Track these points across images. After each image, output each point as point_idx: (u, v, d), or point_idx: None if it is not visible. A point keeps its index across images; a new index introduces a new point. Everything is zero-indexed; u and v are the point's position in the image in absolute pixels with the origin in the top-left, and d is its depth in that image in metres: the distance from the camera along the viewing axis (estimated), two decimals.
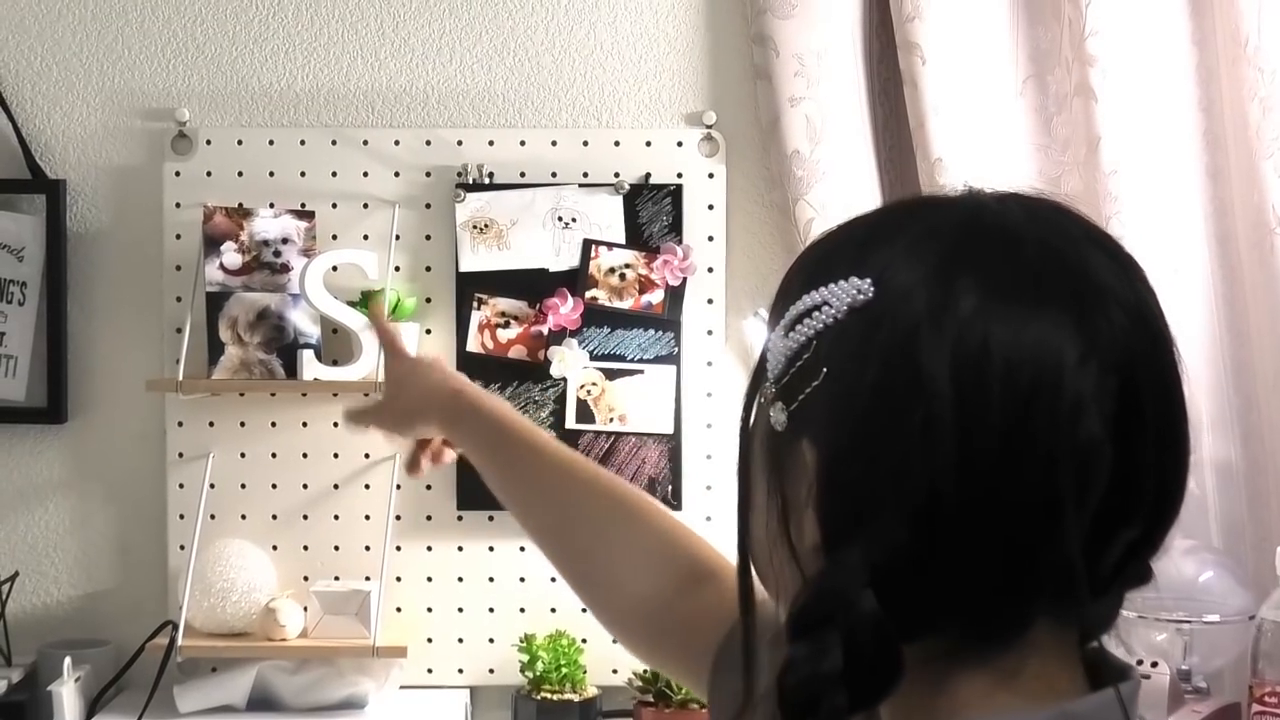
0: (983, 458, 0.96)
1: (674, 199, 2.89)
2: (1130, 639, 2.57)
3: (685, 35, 2.92)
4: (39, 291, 2.90)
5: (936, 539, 0.96)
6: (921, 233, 1.03)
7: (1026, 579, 0.98)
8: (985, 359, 0.96)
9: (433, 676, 2.92)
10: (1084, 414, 0.96)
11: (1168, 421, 1.01)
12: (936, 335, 0.97)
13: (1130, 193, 2.75)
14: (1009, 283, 0.98)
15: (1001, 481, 0.96)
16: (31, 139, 2.91)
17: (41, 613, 2.95)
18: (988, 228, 1.02)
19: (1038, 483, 0.96)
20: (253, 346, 2.81)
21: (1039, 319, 0.97)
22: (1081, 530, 0.97)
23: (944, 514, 0.96)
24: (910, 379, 0.97)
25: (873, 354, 0.98)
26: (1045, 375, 0.96)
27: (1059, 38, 2.80)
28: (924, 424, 0.96)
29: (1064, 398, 0.96)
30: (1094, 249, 1.03)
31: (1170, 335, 1.04)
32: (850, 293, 1.00)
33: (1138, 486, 0.99)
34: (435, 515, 2.91)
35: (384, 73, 2.93)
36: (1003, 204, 1.05)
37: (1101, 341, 0.98)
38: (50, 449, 2.95)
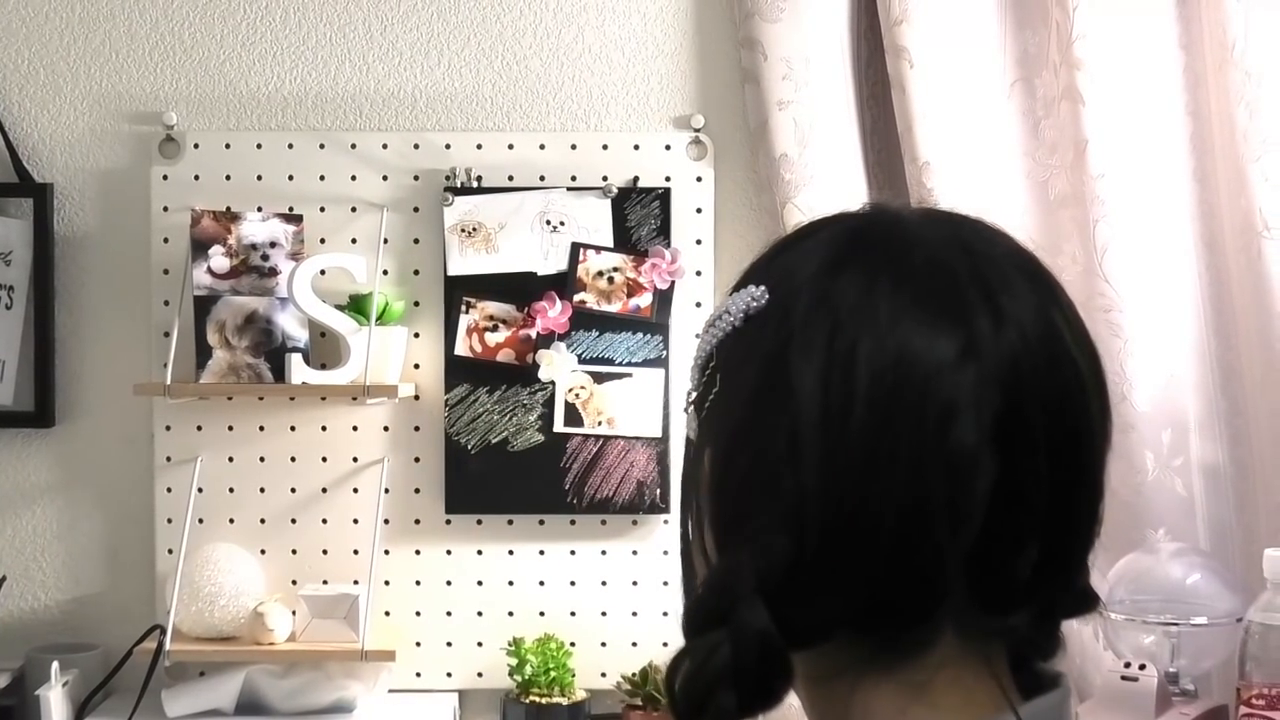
0: (847, 463, 0.97)
1: (662, 202, 2.89)
2: (1118, 641, 2.58)
3: (673, 39, 2.92)
4: (26, 295, 2.90)
5: (813, 545, 0.97)
6: (819, 240, 1.05)
7: (912, 588, 0.98)
8: (852, 362, 0.97)
9: (421, 680, 2.92)
10: (955, 420, 0.96)
11: (1065, 441, 1.00)
12: (809, 339, 0.99)
13: (1118, 196, 2.75)
14: (889, 286, 0.99)
15: (868, 487, 0.96)
16: (19, 142, 2.91)
17: (29, 617, 2.95)
18: (880, 234, 1.04)
19: (905, 488, 0.96)
20: (240, 350, 2.80)
21: (913, 323, 0.97)
22: (961, 541, 0.97)
23: (815, 520, 0.97)
24: (781, 384, 0.99)
25: (753, 360, 1.02)
26: (912, 379, 0.96)
27: (1046, 41, 2.81)
28: (790, 430, 0.98)
29: (931, 402, 0.96)
30: (1006, 268, 1.03)
31: (1078, 361, 1.02)
32: (746, 300, 1.04)
33: (1027, 502, 0.99)
34: (423, 519, 2.91)
35: (372, 76, 2.93)
36: (910, 216, 1.06)
37: (984, 352, 0.97)
38: (38, 453, 2.94)
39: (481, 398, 2.87)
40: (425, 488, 2.90)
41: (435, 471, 2.90)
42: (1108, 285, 2.76)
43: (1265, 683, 2.36)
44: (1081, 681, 2.77)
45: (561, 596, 2.92)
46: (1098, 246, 2.76)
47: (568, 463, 2.87)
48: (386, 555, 2.89)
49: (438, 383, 2.89)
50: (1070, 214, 2.80)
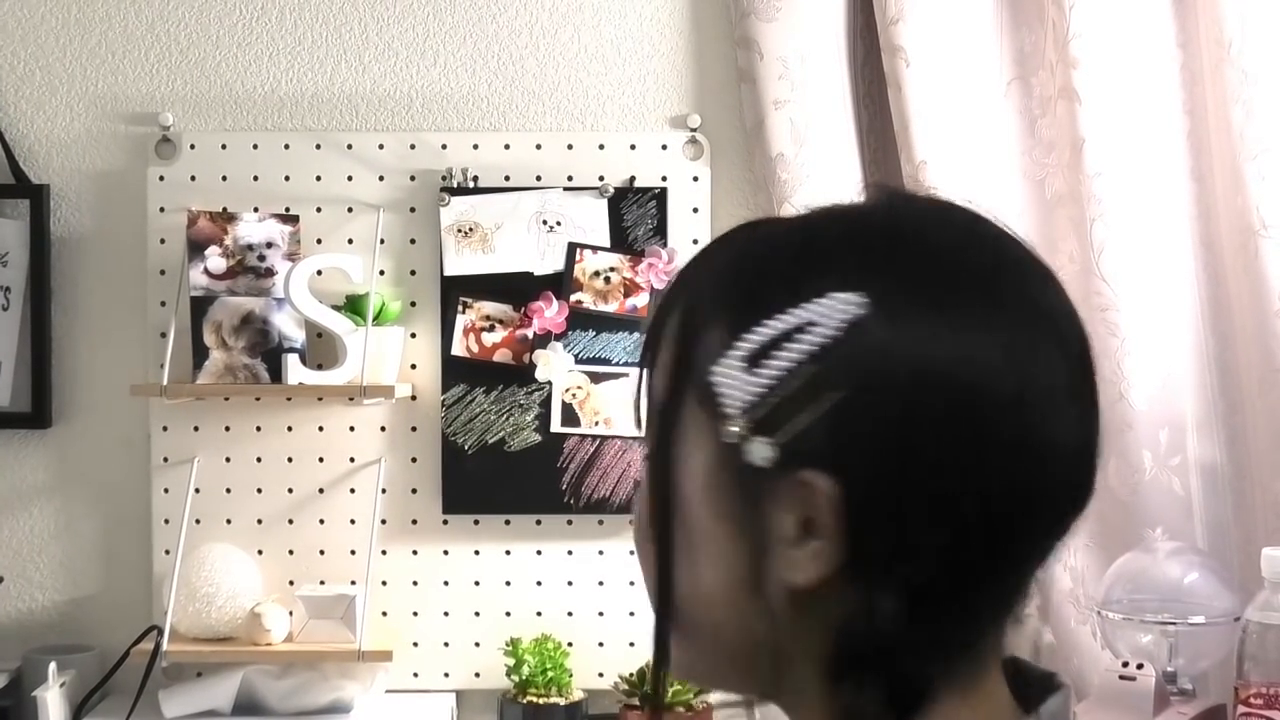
0: (1021, 475, 0.96)
1: (659, 202, 2.89)
2: (1116, 640, 2.58)
3: (669, 38, 2.92)
4: (23, 296, 2.90)
5: (966, 568, 0.95)
6: (877, 238, 0.99)
7: (1006, 598, 0.99)
8: (981, 367, 0.94)
9: (418, 680, 2.92)
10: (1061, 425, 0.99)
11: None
12: (958, 345, 0.93)
13: (1114, 195, 2.75)
14: (975, 294, 0.97)
15: (1027, 503, 0.97)
16: (15, 143, 2.91)
17: (26, 618, 2.95)
18: (912, 233, 1.00)
19: (1045, 499, 0.98)
20: (237, 351, 2.80)
21: (1017, 329, 0.97)
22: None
23: (975, 542, 0.95)
24: (952, 396, 0.93)
25: (897, 371, 0.92)
26: (1039, 391, 0.97)
27: (1043, 40, 2.81)
28: (977, 444, 0.93)
29: (1058, 411, 0.98)
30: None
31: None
32: (842, 310, 0.93)
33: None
34: (421, 519, 2.91)
35: (368, 76, 2.93)
36: (911, 204, 1.05)
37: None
38: (34, 454, 2.94)
39: (478, 398, 2.87)
40: (422, 488, 2.90)
41: (432, 472, 2.90)
42: (1105, 284, 2.76)
43: (1263, 682, 2.36)
44: (1079, 681, 2.77)
45: (559, 596, 2.92)
46: (1094, 245, 2.76)
47: (565, 463, 2.87)
48: (384, 555, 2.89)
49: (434, 383, 2.89)
50: (1067, 213, 2.80)
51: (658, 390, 1.01)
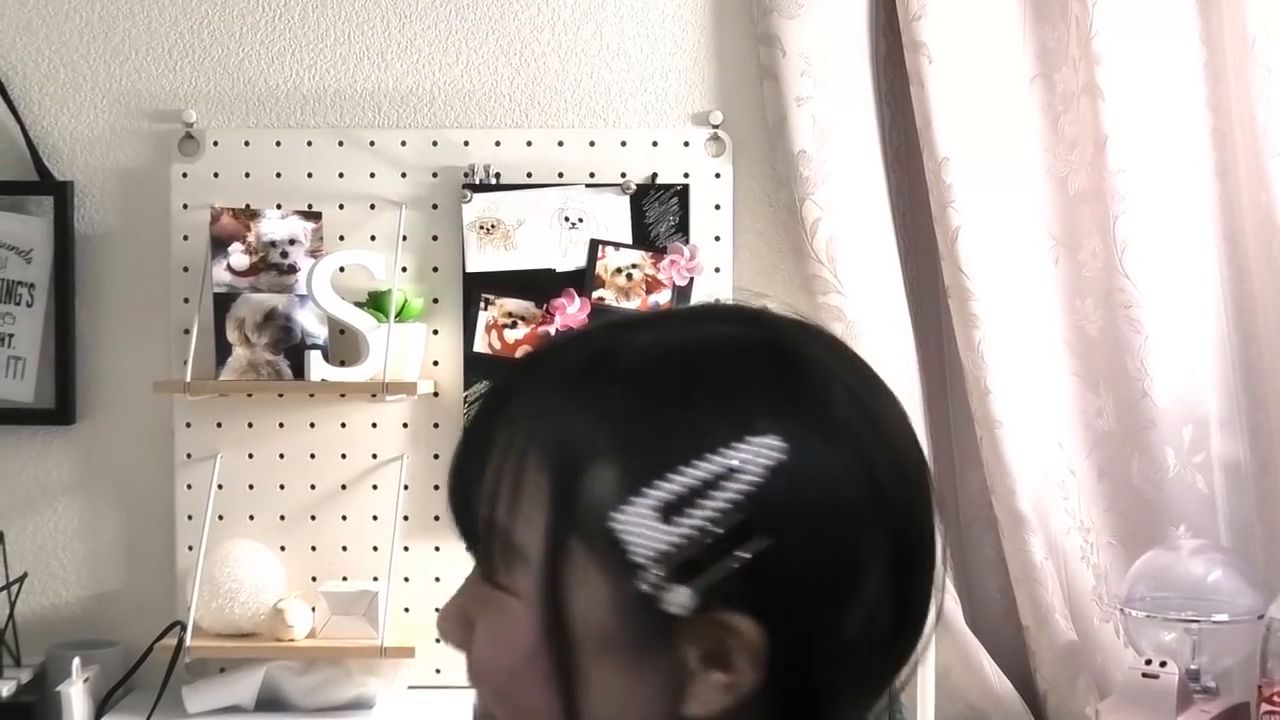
0: (920, 598, 1.01)
1: (681, 199, 2.89)
2: (1139, 638, 2.57)
3: (691, 35, 2.92)
4: (47, 293, 2.91)
5: (865, 684, 1.00)
6: (777, 377, 0.98)
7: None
8: (880, 489, 0.97)
9: (441, 677, 2.92)
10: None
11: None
12: (868, 475, 0.96)
13: (1138, 192, 2.75)
14: (866, 426, 0.98)
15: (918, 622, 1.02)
16: (39, 140, 2.92)
17: (50, 613, 2.96)
18: (806, 368, 1.00)
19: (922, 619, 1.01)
20: (260, 347, 2.81)
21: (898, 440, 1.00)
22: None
23: (875, 662, 0.99)
24: (865, 532, 0.96)
25: (819, 513, 0.94)
26: (926, 513, 1.01)
27: (1066, 36, 2.80)
28: (875, 572, 0.97)
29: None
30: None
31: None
32: (764, 456, 0.92)
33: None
34: (443, 516, 2.89)
35: (390, 74, 2.93)
36: (789, 332, 1.02)
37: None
38: (58, 450, 2.95)
39: None
40: (445, 484, 2.89)
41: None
42: (1128, 281, 2.76)
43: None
44: (1102, 679, 2.77)
45: None
46: (1118, 242, 2.75)
47: None
48: (406, 552, 2.89)
49: (457, 379, 2.89)
50: (1090, 209, 2.79)
51: (511, 526, 0.98)
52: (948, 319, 2.84)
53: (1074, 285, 2.84)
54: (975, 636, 2.79)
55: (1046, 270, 2.85)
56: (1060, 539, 2.82)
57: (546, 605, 0.96)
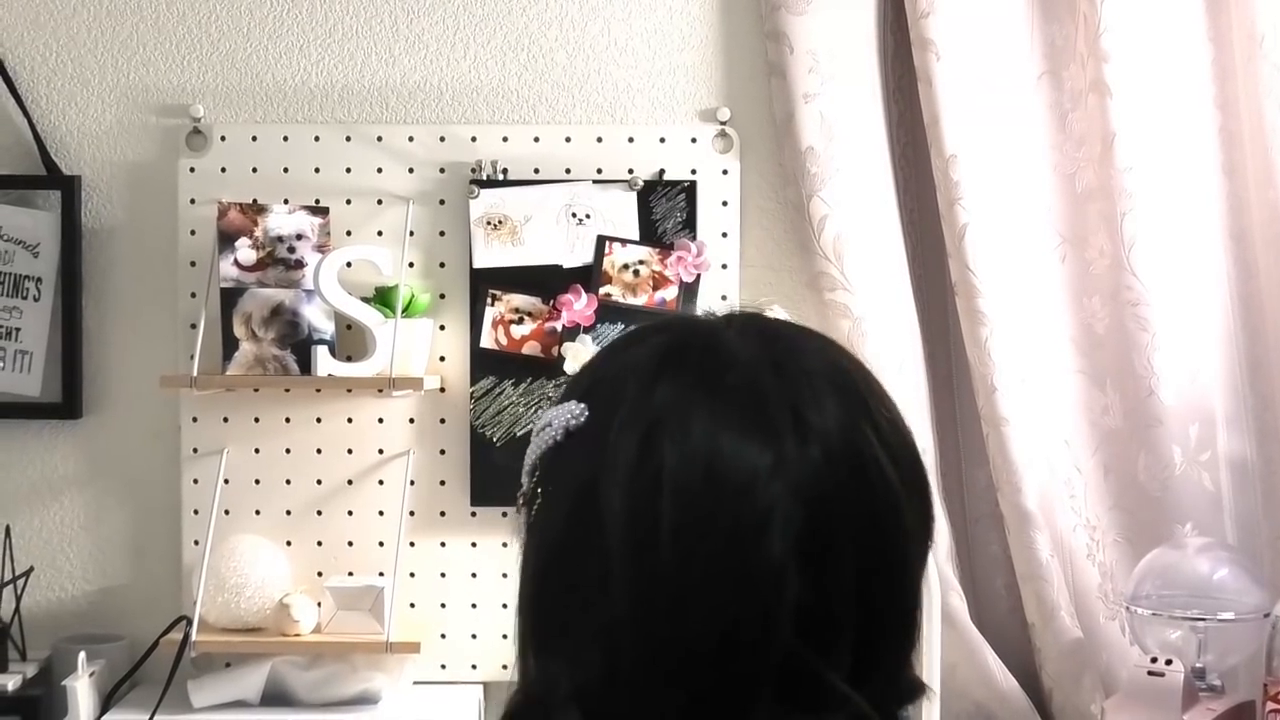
0: (657, 589, 0.99)
1: (688, 195, 2.88)
2: (1145, 636, 2.57)
3: (699, 31, 2.92)
4: (54, 287, 2.91)
5: (626, 664, 1.00)
6: (638, 355, 1.06)
7: (723, 700, 1.00)
8: (658, 485, 0.99)
9: (446, 672, 2.92)
10: (765, 533, 0.98)
11: (874, 554, 1.02)
12: (618, 464, 1.00)
13: (1145, 189, 2.75)
14: (700, 406, 1.01)
15: (679, 611, 0.99)
16: (46, 135, 2.92)
17: (56, 608, 2.96)
18: (696, 352, 1.05)
19: (716, 606, 0.99)
20: (267, 342, 2.81)
21: (724, 441, 1.00)
22: (772, 655, 0.99)
23: (628, 642, 0.99)
24: (591, 511, 1.01)
25: (569, 481, 1.04)
26: (723, 495, 0.99)
27: (1074, 34, 2.80)
28: (600, 559, 1.00)
29: (744, 515, 0.98)
30: (817, 384, 1.04)
31: (887, 472, 1.04)
32: (566, 417, 1.07)
33: (834, 615, 1.01)
34: (449, 511, 2.91)
35: (398, 69, 2.93)
36: (727, 332, 1.07)
37: (790, 469, 0.99)
38: (65, 444, 2.95)
39: (507, 390, 2.87)
40: (451, 480, 2.90)
41: (460, 464, 2.90)
42: (1135, 279, 2.75)
43: None
44: (1108, 676, 2.77)
45: None
46: (1125, 240, 2.75)
47: None
48: (412, 547, 2.89)
49: (463, 375, 2.89)
50: (1098, 207, 2.79)
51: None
52: (954, 316, 2.84)
53: (1081, 283, 2.83)
54: (981, 633, 2.78)
55: (1054, 267, 2.85)
56: (1066, 536, 2.82)
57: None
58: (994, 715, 2.79)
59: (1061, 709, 2.76)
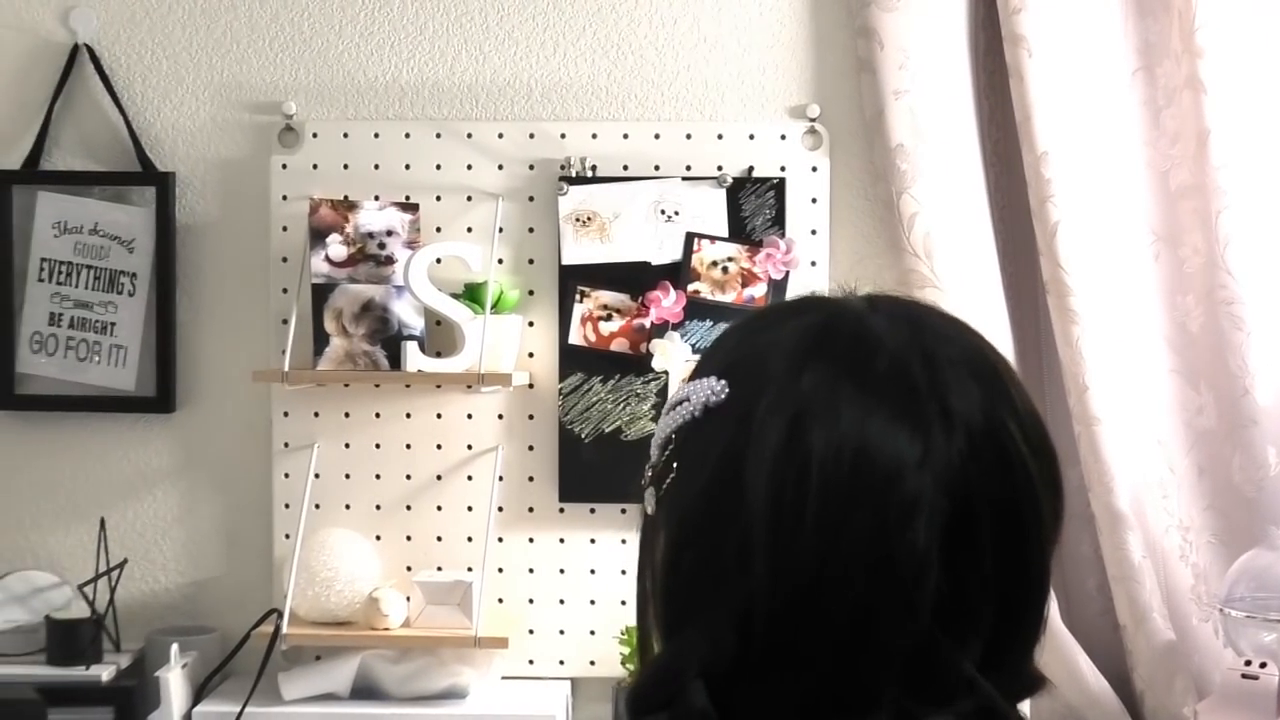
0: (796, 566, 0.98)
1: (777, 192, 2.88)
2: (1238, 639, 2.54)
3: (789, 28, 2.91)
4: (149, 283, 2.94)
5: (760, 643, 0.99)
6: (782, 335, 1.06)
7: (854, 684, 0.99)
8: (808, 466, 0.98)
9: (534, 668, 2.93)
10: (912, 521, 0.97)
11: (1012, 545, 1.02)
12: (765, 441, 1.00)
13: (1241, 187, 2.72)
14: (851, 391, 1.00)
15: (817, 590, 0.98)
16: (141, 132, 2.95)
17: (150, 599, 2.99)
18: (844, 337, 1.04)
19: (855, 590, 0.98)
20: (357, 338, 2.83)
21: (874, 428, 0.99)
22: (906, 641, 0.98)
23: (763, 620, 0.99)
24: (734, 484, 1.00)
25: (711, 455, 1.03)
26: (871, 480, 0.98)
27: (1168, 30, 2.77)
28: (741, 531, 0.99)
29: (892, 502, 0.97)
30: (961, 372, 1.04)
31: (1028, 464, 1.03)
32: (706, 392, 1.04)
33: (971, 605, 1.00)
34: (537, 507, 2.92)
35: (488, 66, 2.94)
36: (872, 317, 1.06)
37: (936, 460, 0.99)
38: (159, 438, 2.98)
39: (595, 386, 2.88)
40: (539, 476, 2.91)
41: (549, 460, 2.91)
42: (1230, 277, 2.72)
43: None
44: (1200, 680, 2.74)
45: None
46: (1220, 238, 2.72)
47: None
48: (500, 543, 2.90)
49: (552, 371, 2.90)
50: (1192, 205, 2.76)
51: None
52: (1046, 315, 2.82)
53: (1175, 281, 2.81)
54: (1072, 635, 2.76)
55: (1147, 266, 2.82)
56: (1159, 537, 2.79)
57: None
58: (1085, 718, 2.77)
59: (1154, 712, 2.73)
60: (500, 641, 2.78)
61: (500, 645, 2.78)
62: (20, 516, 2.99)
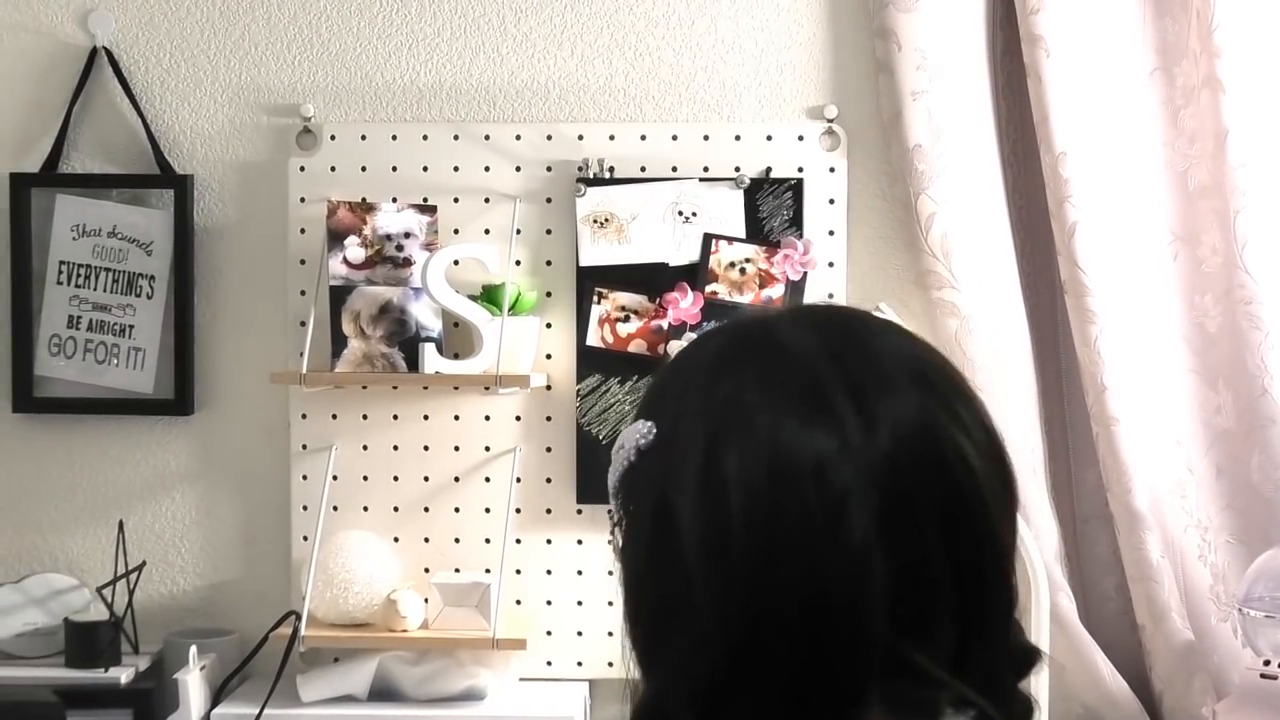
0: (737, 584, 1.00)
1: (795, 193, 2.88)
2: (1257, 638, 2.54)
3: (806, 29, 2.91)
4: (167, 285, 2.94)
5: (726, 664, 1.01)
6: (696, 359, 1.09)
7: (833, 681, 1.01)
8: (724, 484, 1.01)
9: (552, 669, 2.93)
10: (842, 512, 0.99)
11: (960, 525, 1.03)
12: (684, 472, 1.02)
13: (1259, 187, 2.71)
14: (759, 398, 1.02)
15: (762, 601, 1.00)
16: (160, 135, 2.96)
17: (168, 602, 2.99)
18: (750, 348, 1.07)
19: (801, 590, 0.99)
20: (375, 340, 2.83)
21: (787, 431, 1.01)
22: (870, 631, 1.00)
23: (721, 643, 1.01)
24: (667, 523, 1.03)
25: (645, 499, 1.07)
26: (791, 482, 1.00)
27: (1186, 30, 2.77)
28: (681, 567, 1.02)
29: (816, 498, 0.99)
30: (885, 369, 1.05)
31: (964, 449, 1.04)
32: (636, 437, 1.08)
33: (928, 586, 1.01)
34: (555, 509, 2.92)
35: (505, 68, 2.94)
36: (781, 324, 1.08)
37: (856, 454, 1.00)
38: (177, 440, 2.99)
39: (613, 388, 2.88)
40: (557, 477, 2.91)
41: (567, 461, 2.91)
42: (1248, 277, 2.72)
43: None
44: (1219, 679, 2.74)
45: None
46: (1238, 238, 2.72)
47: None
48: (518, 544, 2.90)
49: (569, 373, 2.90)
50: (1210, 205, 2.76)
51: None
52: (1064, 315, 2.82)
53: (1193, 281, 2.80)
54: (1090, 635, 2.76)
55: (1165, 266, 2.82)
56: (1177, 537, 2.79)
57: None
58: (1103, 718, 2.76)
59: (1172, 712, 2.73)
60: (518, 643, 2.78)
61: (518, 647, 2.78)
62: (39, 519, 3.00)
